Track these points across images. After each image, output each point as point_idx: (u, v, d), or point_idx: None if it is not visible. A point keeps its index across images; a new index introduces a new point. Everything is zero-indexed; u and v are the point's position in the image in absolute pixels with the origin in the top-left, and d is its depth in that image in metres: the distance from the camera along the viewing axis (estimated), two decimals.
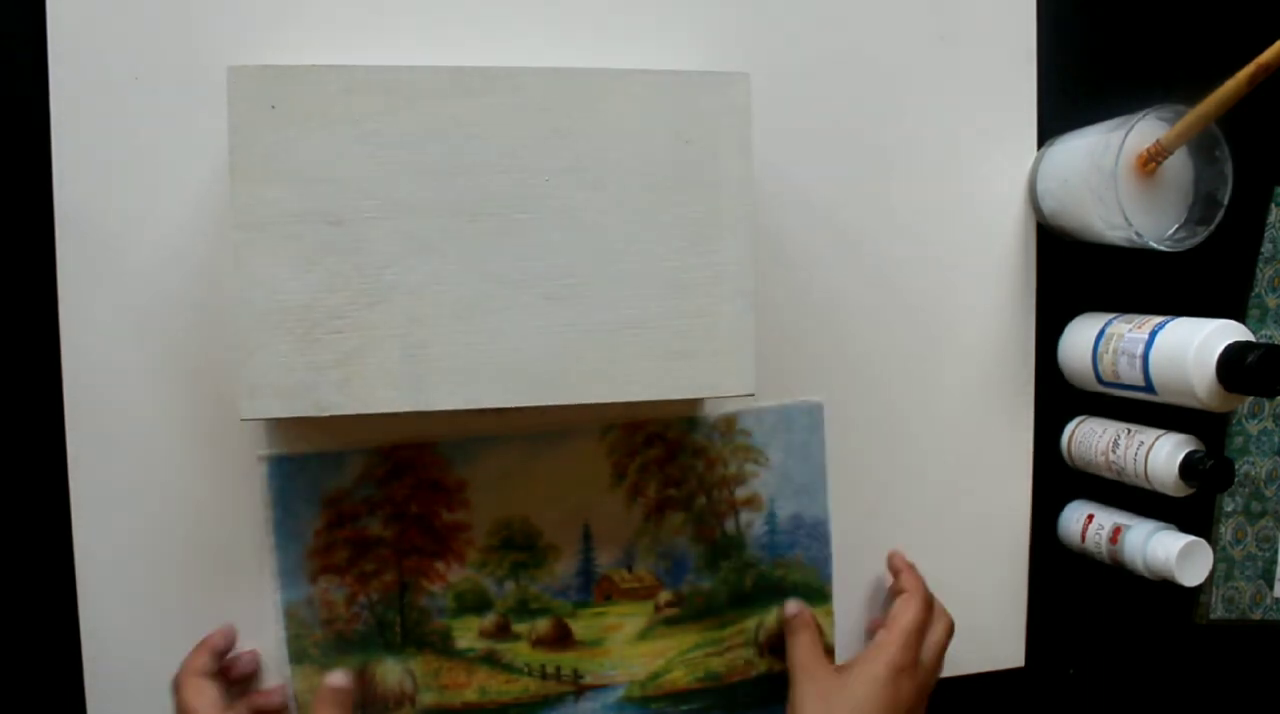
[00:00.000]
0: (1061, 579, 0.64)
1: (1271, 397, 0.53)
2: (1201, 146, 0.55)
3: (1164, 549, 0.57)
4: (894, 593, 0.58)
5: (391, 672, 0.55)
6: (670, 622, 0.58)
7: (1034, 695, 0.65)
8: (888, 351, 0.60)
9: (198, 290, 0.52)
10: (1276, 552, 0.65)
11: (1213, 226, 0.55)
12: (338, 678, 0.51)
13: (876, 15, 0.59)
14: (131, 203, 0.51)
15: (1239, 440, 0.65)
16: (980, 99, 0.61)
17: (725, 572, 0.59)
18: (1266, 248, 0.64)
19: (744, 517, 0.59)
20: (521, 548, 0.56)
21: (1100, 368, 0.59)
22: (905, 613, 0.54)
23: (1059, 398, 0.63)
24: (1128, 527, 0.59)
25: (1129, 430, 0.59)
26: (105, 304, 0.51)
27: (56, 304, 0.51)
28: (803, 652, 0.56)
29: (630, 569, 0.58)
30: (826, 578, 0.60)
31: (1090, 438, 0.61)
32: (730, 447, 0.58)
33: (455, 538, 0.55)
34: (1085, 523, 0.62)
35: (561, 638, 0.57)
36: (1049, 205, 0.60)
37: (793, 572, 0.60)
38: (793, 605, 0.59)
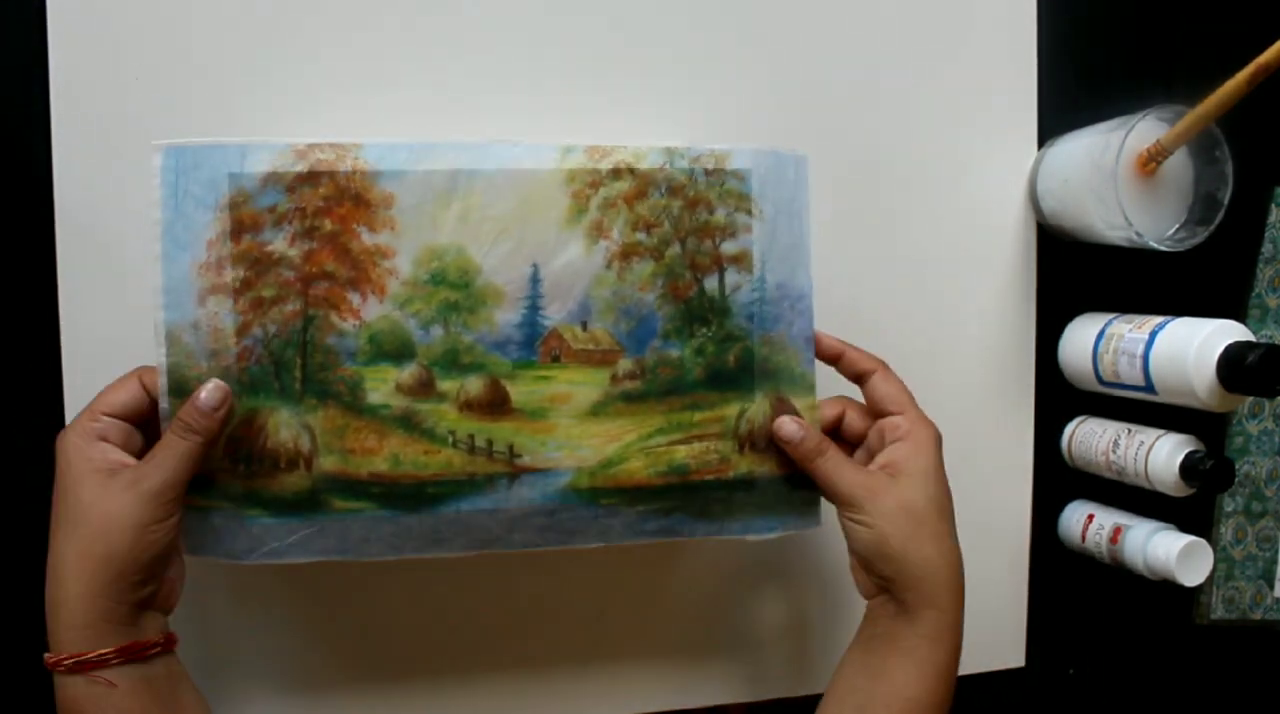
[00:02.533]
0: (1061, 579, 0.64)
1: (1271, 396, 0.53)
2: (1201, 146, 0.55)
3: (1164, 549, 0.57)
4: (856, 377, 0.52)
5: (286, 425, 0.46)
6: (630, 397, 0.49)
7: (1034, 695, 0.65)
8: (887, 351, 0.60)
9: None
10: (1277, 552, 0.65)
11: (1213, 226, 0.55)
12: (210, 394, 0.44)
13: (876, 15, 0.59)
14: (131, 203, 0.51)
15: (1239, 440, 0.65)
16: (980, 99, 0.61)
17: (701, 341, 0.49)
18: (1266, 248, 0.64)
19: (730, 277, 0.50)
20: (455, 285, 0.47)
21: (1100, 368, 0.59)
22: (894, 385, 0.50)
23: (1059, 398, 0.63)
24: (1128, 527, 0.59)
25: (1129, 430, 0.59)
26: (105, 304, 0.51)
27: (56, 304, 0.51)
28: (840, 476, 0.48)
29: (585, 327, 0.48)
30: (810, 363, 0.51)
31: (1090, 438, 0.61)
32: (718, 190, 0.49)
33: (375, 265, 0.46)
34: (1085, 523, 0.62)
35: (496, 403, 0.47)
36: (1049, 205, 0.60)
37: (776, 352, 0.51)
38: (791, 428, 0.49)
